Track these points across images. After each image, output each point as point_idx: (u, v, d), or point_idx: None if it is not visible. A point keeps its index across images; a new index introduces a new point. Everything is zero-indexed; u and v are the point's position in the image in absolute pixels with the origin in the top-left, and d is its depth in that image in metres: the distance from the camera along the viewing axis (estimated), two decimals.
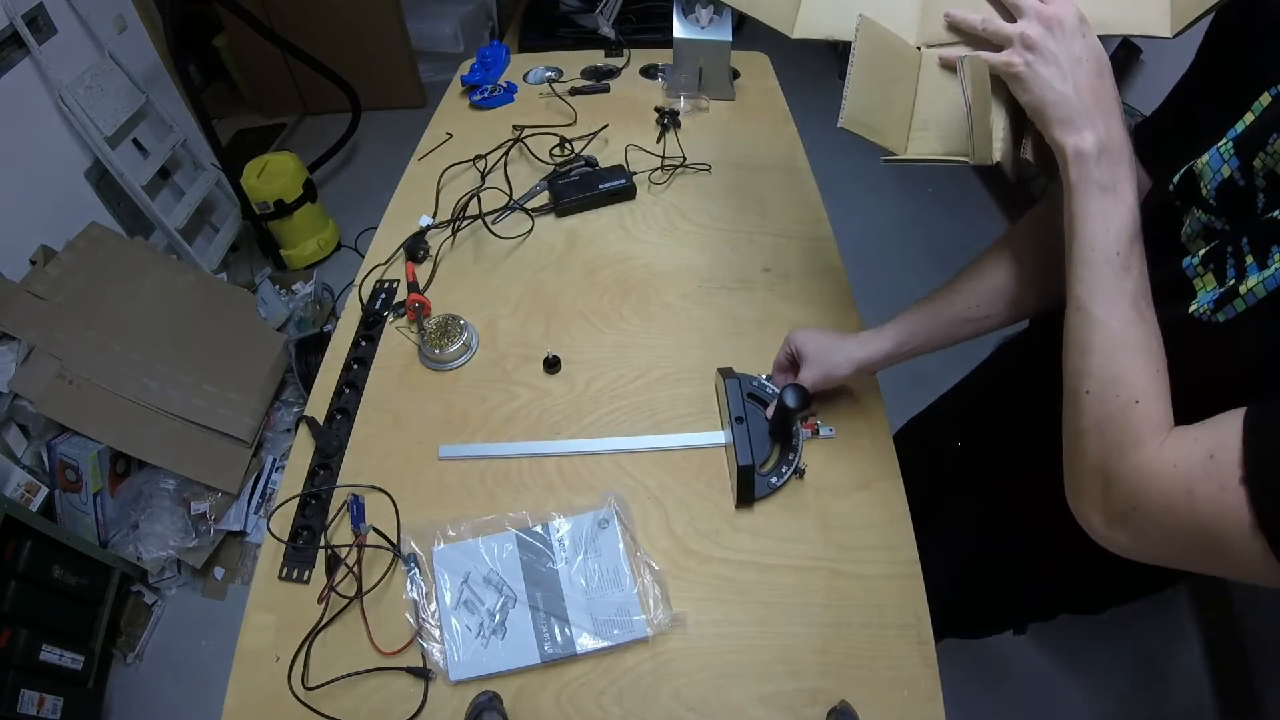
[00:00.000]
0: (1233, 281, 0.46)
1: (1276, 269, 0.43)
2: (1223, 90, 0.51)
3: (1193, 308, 0.49)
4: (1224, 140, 0.48)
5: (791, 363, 0.82)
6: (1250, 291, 0.45)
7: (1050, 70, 0.51)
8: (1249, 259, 0.45)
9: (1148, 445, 0.44)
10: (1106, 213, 0.48)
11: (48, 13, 1.79)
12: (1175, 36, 0.54)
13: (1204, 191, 0.49)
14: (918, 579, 0.72)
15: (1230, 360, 0.47)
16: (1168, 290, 0.51)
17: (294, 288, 2.24)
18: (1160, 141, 0.59)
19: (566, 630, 0.69)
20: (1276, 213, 0.44)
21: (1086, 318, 0.49)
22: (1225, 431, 0.41)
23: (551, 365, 0.91)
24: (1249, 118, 0.47)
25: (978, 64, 0.55)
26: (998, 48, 0.56)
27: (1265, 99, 0.46)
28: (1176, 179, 0.52)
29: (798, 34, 0.68)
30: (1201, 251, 0.49)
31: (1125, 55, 2.12)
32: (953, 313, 0.72)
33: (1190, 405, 0.45)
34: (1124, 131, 0.50)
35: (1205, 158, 0.49)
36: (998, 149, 0.57)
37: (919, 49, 0.63)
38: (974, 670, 1.48)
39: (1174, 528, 0.43)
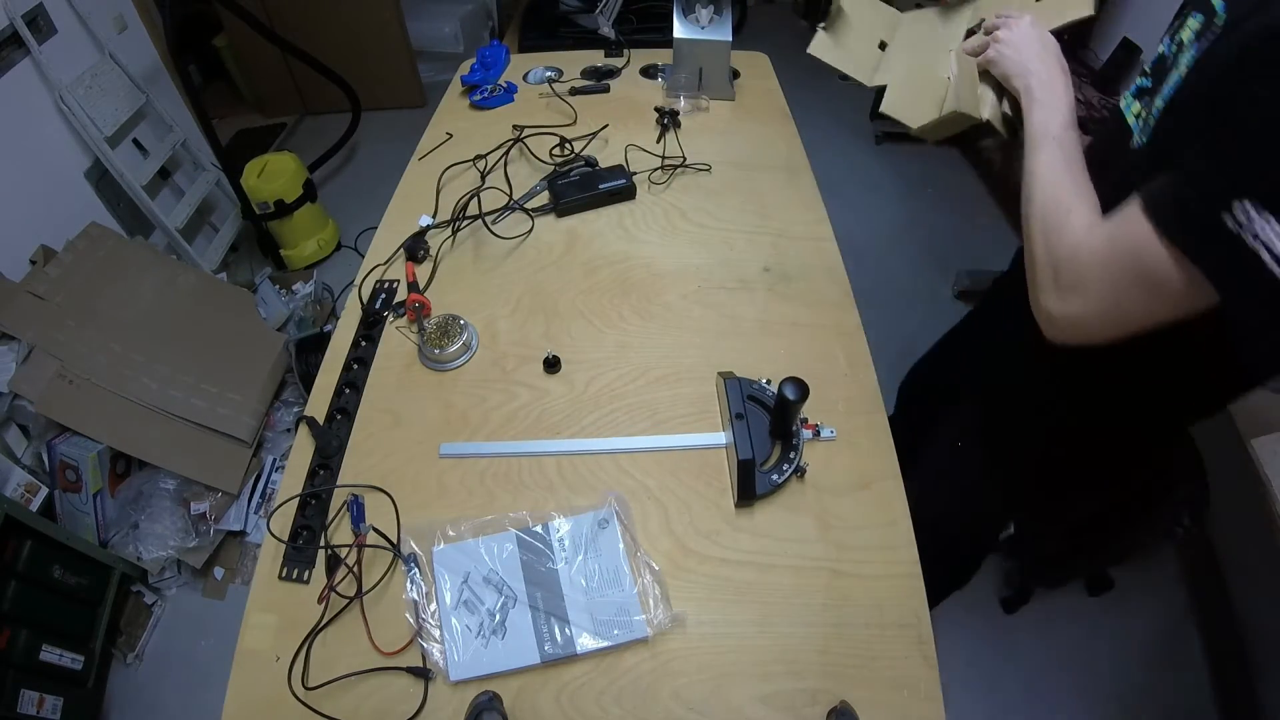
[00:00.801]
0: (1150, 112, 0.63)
1: (1167, 85, 0.59)
2: None
3: (1132, 142, 0.65)
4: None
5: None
6: (1155, 109, 0.61)
7: (1008, 49, 0.77)
8: (1158, 97, 0.61)
9: (1080, 231, 0.59)
10: (1046, 116, 0.69)
11: (48, 13, 1.79)
12: (1096, 13, 0.80)
13: (1145, 67, 0.67)
14: (918, 579, 0.72)
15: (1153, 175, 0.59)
16: (1120, 138, 0.67)
17: (294, 288, 2.24)
18: None
19: (566, 630, 0.69)
20: (1178, 62, 0.60)
21: (1032, 175, 0.66)
22: (1132, 199, 0.54)
23: (551, 365, 0.91)
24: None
25: (962, 55, 0.86)
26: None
27: None
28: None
29: (876, 82, 0.97)
30: (1133, 99, 0.67)
31: (1125, 55, 2.13)
32: None
33: None
34: (1062, 77, 0.72)
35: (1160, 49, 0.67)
36: (985, 111, 0.81)
37: (948, 78, 0.89)
38: (973, 670, 1.48)
39: (1108, 276, 0.55)
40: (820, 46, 0.94)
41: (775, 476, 0.77)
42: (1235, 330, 0.56)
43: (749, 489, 0.76)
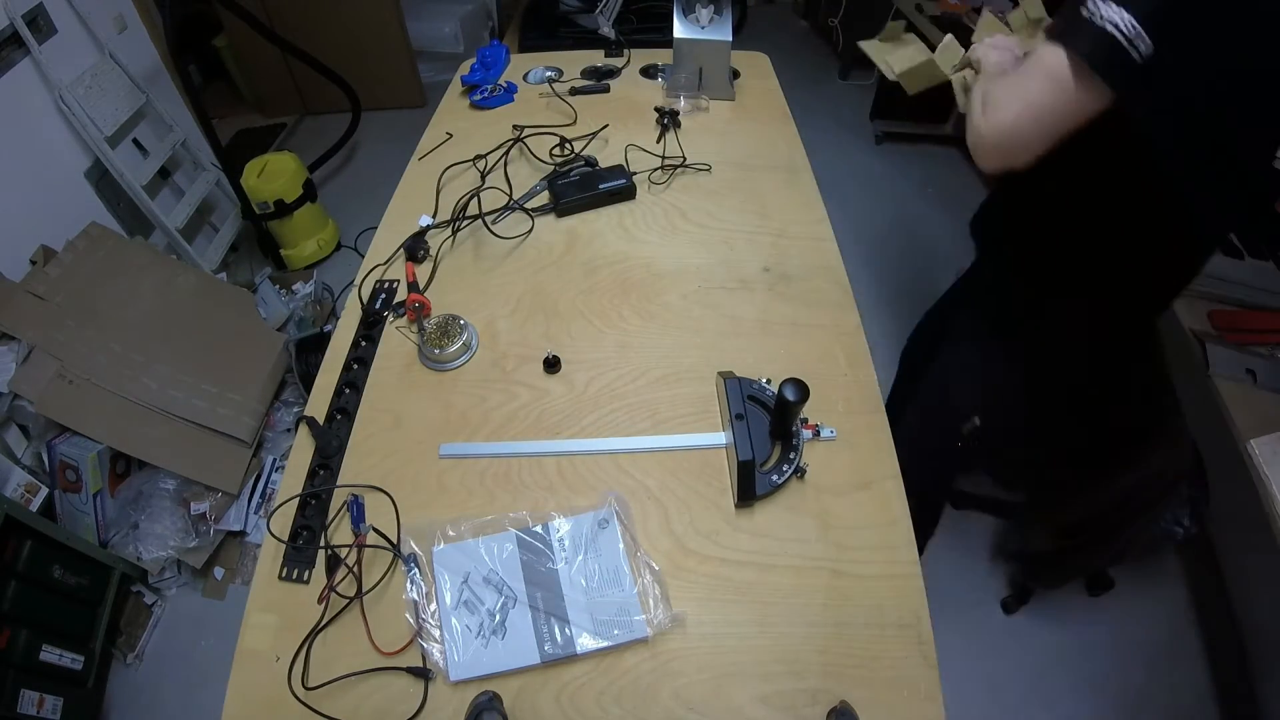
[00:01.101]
0: None
1: None
2: None
3: None
4: None
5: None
6: None
7: (984, 45, 0.93)
8: None
9: (1006, 80, 0.74)
10: (996, 67, 0.87)
11: (48, 13, 1.79)
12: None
13: None
14: (918, 579, 0.72)
15: None
16: None
17: (294, 288, 2.24)
18: None
19: (566, 630, 0.69)
20: None
21: (976, 91, 0.81)
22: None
23: (551, 365, 0.91)
24: None
25: (951, 39, 1.06)
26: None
27: None
28: None
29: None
30: None
31: None
32: None
33: None
34: (1014, 60, 0.88)
35: None
36: (954, 75, 1.01)
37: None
38: (973, 670, 1.48)
39: (1020, 85, 0.71)
40: (868, 45, 1.19)
41: (775, 477, 0.77)
42: (1143, 135, 0.71)
43: (749, 489, 0.76)
